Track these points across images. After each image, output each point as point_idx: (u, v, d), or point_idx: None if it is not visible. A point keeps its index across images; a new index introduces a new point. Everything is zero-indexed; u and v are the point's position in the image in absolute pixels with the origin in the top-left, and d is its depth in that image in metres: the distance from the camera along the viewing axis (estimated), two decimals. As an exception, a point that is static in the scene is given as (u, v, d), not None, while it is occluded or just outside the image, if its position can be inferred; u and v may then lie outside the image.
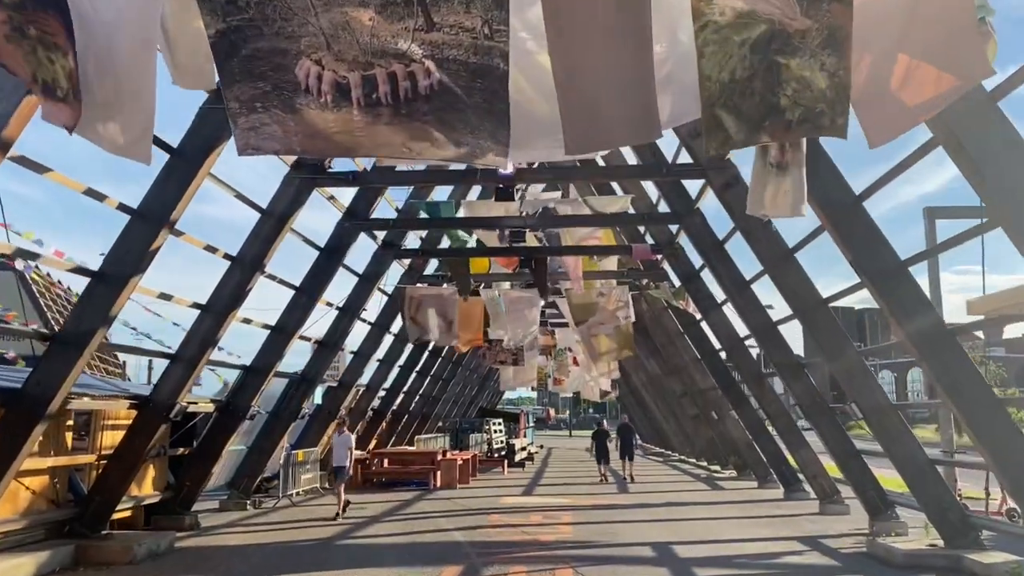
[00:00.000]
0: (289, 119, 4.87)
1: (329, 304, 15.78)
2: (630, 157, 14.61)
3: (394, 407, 25.26)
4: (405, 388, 25.57)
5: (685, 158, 11.93)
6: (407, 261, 18.57)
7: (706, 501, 16.86)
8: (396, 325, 20.18)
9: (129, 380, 21.27)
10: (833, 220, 8.26)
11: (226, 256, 11.20)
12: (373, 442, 24.82)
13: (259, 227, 11.35)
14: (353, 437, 14.61)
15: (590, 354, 17.68)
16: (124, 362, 24.26)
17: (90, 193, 8.11)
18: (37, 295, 20.58)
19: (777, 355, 13.13)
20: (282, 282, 12.91)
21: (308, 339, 15.48)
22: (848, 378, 10.58)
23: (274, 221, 11.31)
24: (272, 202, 11.44)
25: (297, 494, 17.36)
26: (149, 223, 8.63)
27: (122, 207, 8.55)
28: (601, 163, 13.75)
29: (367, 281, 16.35)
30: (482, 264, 18.76)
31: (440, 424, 34.28)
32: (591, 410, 77.04)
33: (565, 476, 24.15)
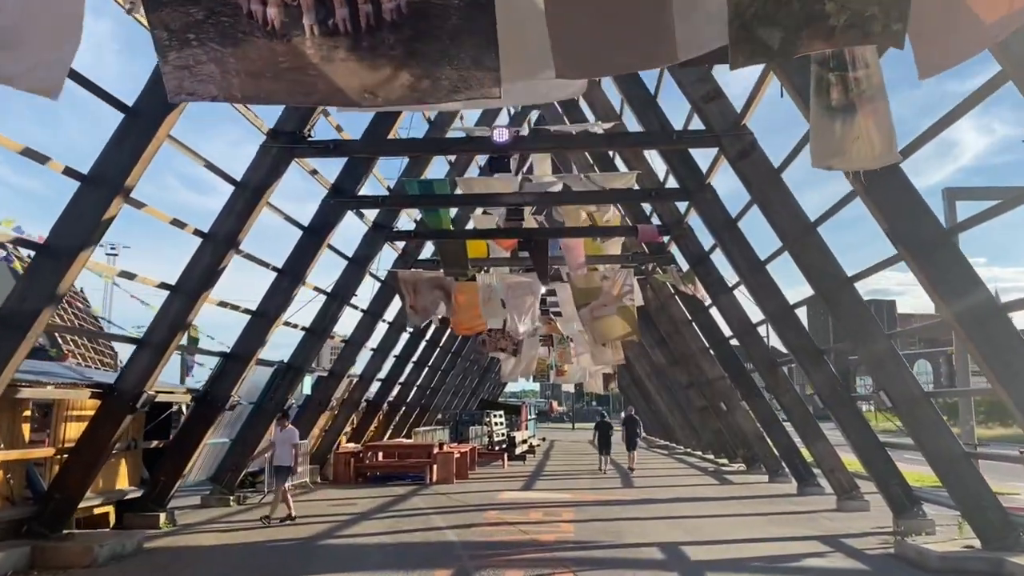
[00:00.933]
0: (229, 55, 3.99)
1: (317, 289, 14.89)
2: (634, 126, 13.65)
3: (390, 398, 24.41)
4: (402, 379, 24.72)
5: (696, 125, 10.95)
6: (401, 245, 17.68)
7: (715, 496, 15.98)
8: (390, 312, 19.33)
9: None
10: (867, 184, 7.32)
11: (196, 232, 10.31)
12: (369, 434, 24.01)
13: (232, 201, 10.46)
14: (297, 432, 13.05)
15: (593, 337, 16.75)
16: (116, 353, 23.37)
17: (27, 153, 7.20)
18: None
19: (795, 341, 12.20)
20: (259, 262, 12.01)
21: (295, 326, 14.60)
22: (877, 365, 9.66)
23: (249, 194, 10.41)
24: (247, 173, 10.54)
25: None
26: (100, 190, 7.72)
27: (69, 171, 7.64)
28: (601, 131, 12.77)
29: (357, 264, 15.45)
30: (480, 248, 17.89)
31: (439, 416, 33.45)
32: (594, 403, 76.14)
33: (567, 469, 23.29)
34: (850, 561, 9.24)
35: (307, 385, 16.60)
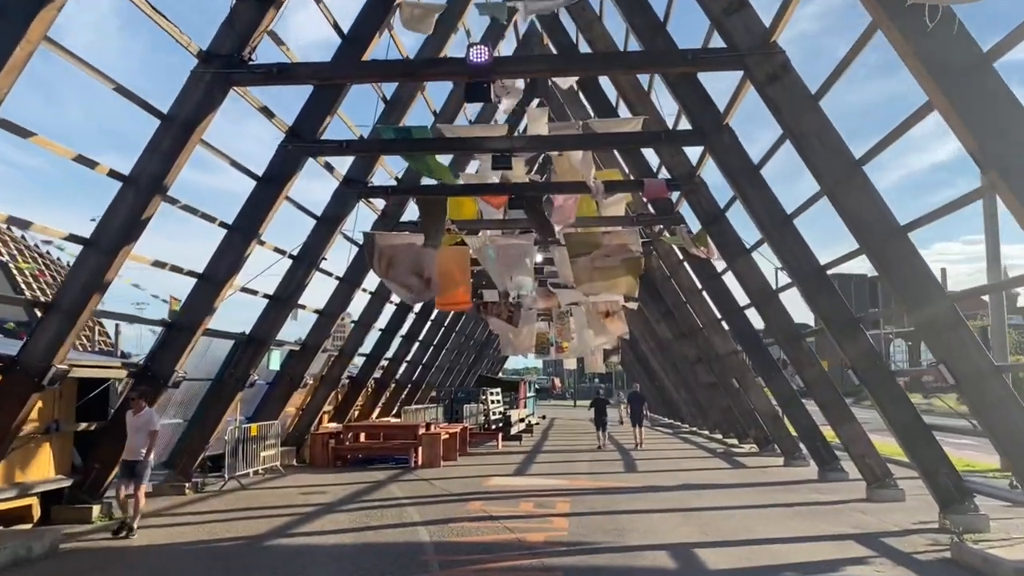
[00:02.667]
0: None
1: (278, 251, 13.18)
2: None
3: (376, 375, 22.83)
4: (389, 354, 23.11)
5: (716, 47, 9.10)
6: (380, 204, 15.91)
7: (728, 483, 14.36)
8: (371, 281, 17.64)
9: (120, 352, 18.49)
10: (945, 88, 5.54)
11: (113, 174, 8.56)
12: (354, 413, 22.45)
13: (158, 138, 8.70)
14: (156, 417, 9.79)
15: (591, 289, 14.94)
16: (118, 328, 21.36)
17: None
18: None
19: (827, 308, 10.46)
20: (195, 212, 10.29)
21: (253, 292, 12.90)
22: (934, 334, 7.93)
23: (177, 130, 8.65)
24: (175, 105, 8.78)
25: (256, 472, 15.01)
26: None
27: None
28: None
29: (326, 224, 13.72)
30: (469, 208, 16.15)
31: (433, 394, 31.91)
32: (596, 379, 74.64)
33: (565, 450, 21.73)
34: (900, 570, 7.60)
35: (276, 360, 14.95)
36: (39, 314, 8.94)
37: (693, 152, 13.47)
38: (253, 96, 9.93)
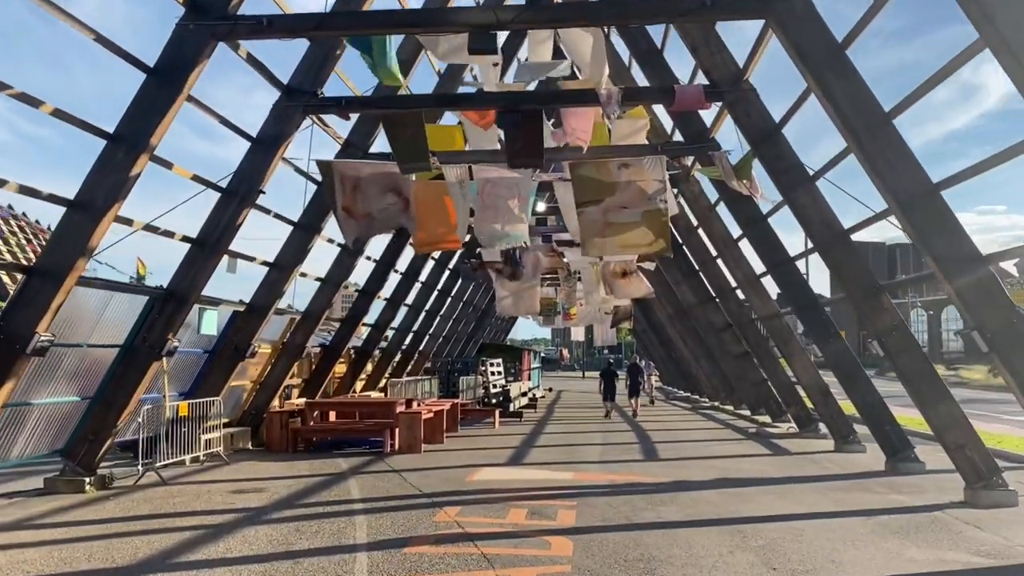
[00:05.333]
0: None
1: (198, 179, 10.15)
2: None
3: (355, 343, 19.95)
4: (372, 319, 20.19)
5: None
6: (344, 130, 12.82)
7: (776, 477, 11.40)
8: (335, 230, 14.63)
9: None
10: None
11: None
12: (333, 387, 19.61)
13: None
14: None
15: (601, 251, 11.92)
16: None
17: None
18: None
19: (941, 247, 7.34)
20: (65, 117, 7.27)
21: (155, 229, 9.87)
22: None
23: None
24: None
25: (196, 460, 12.25)
26: None
27: None
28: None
29: (263, 147, 10.66)
30: (450, 136, 13.06)
31: (428, 365, 29.07)
32: (606, 350, 71.80)
33: (572, 430, 18.83)
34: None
35: (211, 322, 12.00)
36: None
37: (738, 51, 10.27)
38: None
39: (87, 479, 10.15)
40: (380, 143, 13.58)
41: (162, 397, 12.37)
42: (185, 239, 10.45)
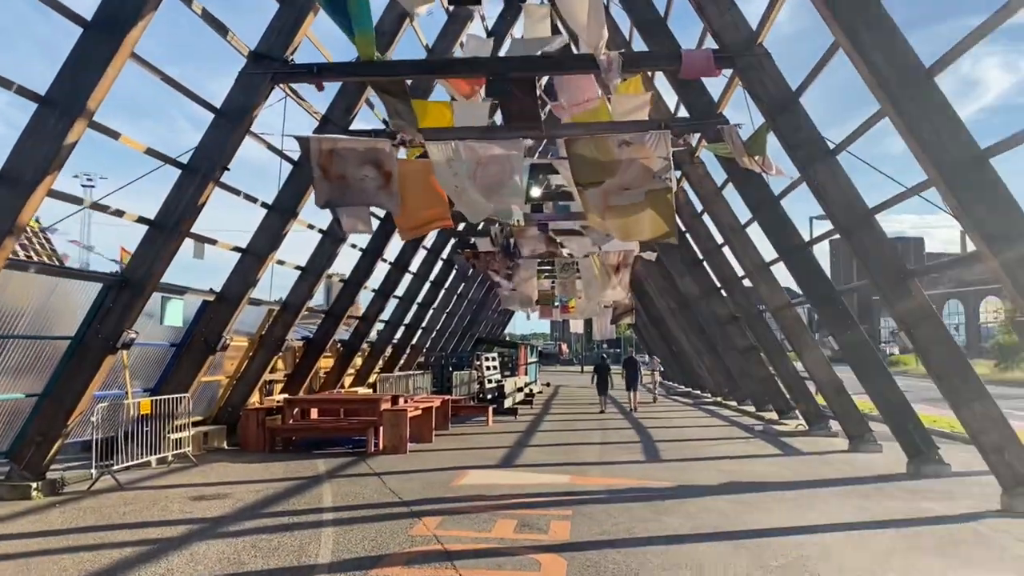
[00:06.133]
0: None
1: (153, 153, 9.18)
2: None
3: (341, 337, 19.01)
4: (359, 312, 19.25)
5: None
6: (321, 104, 11.84)
7: (791, 481, 10.47)
8: (319, 216, 13.70)
9: None
10: None
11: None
12: (318, 382, 18.71)
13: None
14: None
15: (604, 231, 10.99)
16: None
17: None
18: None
19: (991, 222, 6.39)
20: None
21: (104, 208, 8.91)
22: None
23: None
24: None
25: (164, 461, 11.32)
26: None
27: None
28: None
29: (228, 119, 9.68)
30: (439, 113, 12.17)
31: (421, 359, 28.11)
32: (604, 344, 70.85)
33: (569, 428, 17.90)
34: None
35: (175, 313, 11.05)
36: None
37: (750, 10, 9.31)
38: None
39: (34, 484, 9.23)
40: (362, 119, 12.63)
41: (124, 394, 11.47)
42: (141, 220, 9.49)
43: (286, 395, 15.60)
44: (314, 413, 14.88)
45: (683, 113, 13.17)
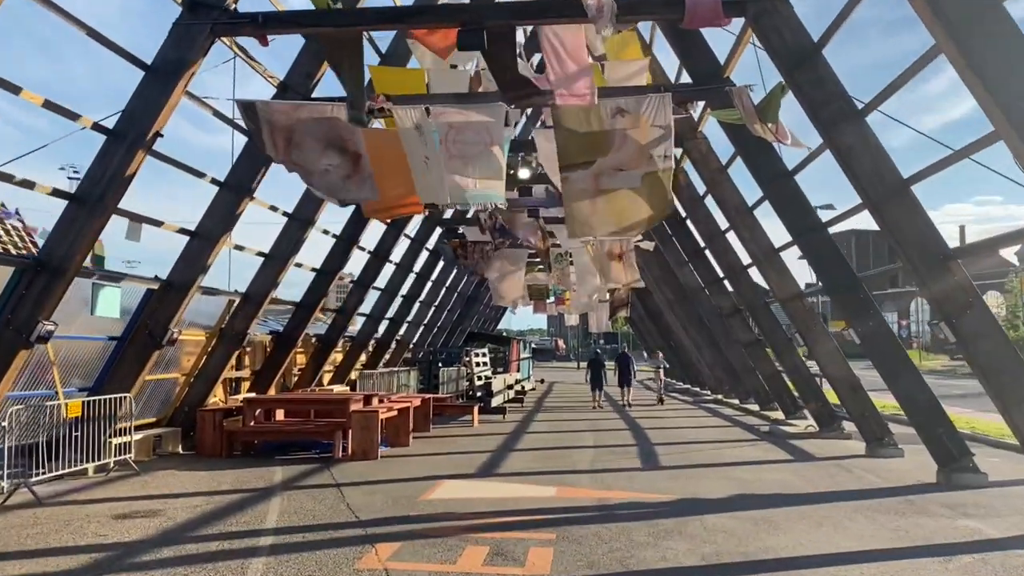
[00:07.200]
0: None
1: (59, 109, 7.85)
2: None
3: (311, 330, 17.72)
4: (334, 303, 17.95)
5: None
6: (279, 68, 10.51)
7: (806, 492, 9.22)
8: (284, 197, 12.39)
9: None
10: None
11: None
12: (291, 380, 17.44)
13: None
14: None
15: (592, 221, 9.69)
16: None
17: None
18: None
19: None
20: None
21: (9, 178, 7.57)
22: None
23: None
24: None
25: (105, 469, 10.01)
26: None
27: None
28: None
29: (160, 78, 8.36)
30: (411, 79, 10.93)
31: (408, 355, 26.84)
32: (600, 340, 69.64)
33: (561, 429, 16.65)
34: None
35: (111, 302, 9.73)
36: None
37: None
38: None
39: (-69, 500, 7.95)
40: (327, 86, 11.32)
41: (55, 393, 10.17)
42: (56, 193, 8.17)
43: (252, 394, 14.30)
44: (281, 414, 13.59)
45: (685, 81, 11.88)
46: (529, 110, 15.98)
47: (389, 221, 17.55)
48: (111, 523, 7.53)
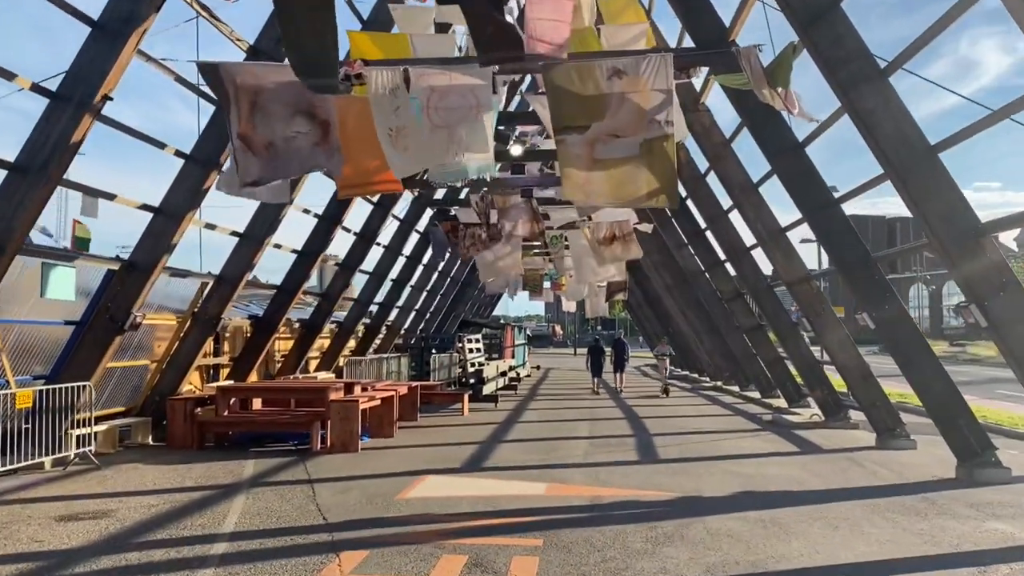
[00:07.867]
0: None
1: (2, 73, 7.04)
2: None
3: (292, 314, 16.98)
4: (318, 286, 17.18)
5: None
6: (249, 33, 9.68)
7: (817, 490, 8.54)
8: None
9: None
10: None
11: None
12: (274, 367, 16.74)
13: None
14: None
15: (588, 191, 8.89)
16: None
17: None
18: None
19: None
20: None
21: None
22: None
23: None
24: None
25: (62, 462, 9.30)
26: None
27: None
28: None
29: (108, 35, 7.55)
30: (391, 45, 10.15)
31: (399, 341, 26.12)
32: (599, 326, 69.05)
33: (555, 418, 15.96)
34: None
35: (64, 283, 8.97)
36: None
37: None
38: None
39: None
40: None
41: (5, 382, 9.43)
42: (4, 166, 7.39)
43: (228, 382, 13.57)
44: (259, 403, 12.86)
45: (688, 45, 11.07)
46: (528, 78, 15.10)
47: (375, 201, 16.75)
48: (53, 526, 6.82)
